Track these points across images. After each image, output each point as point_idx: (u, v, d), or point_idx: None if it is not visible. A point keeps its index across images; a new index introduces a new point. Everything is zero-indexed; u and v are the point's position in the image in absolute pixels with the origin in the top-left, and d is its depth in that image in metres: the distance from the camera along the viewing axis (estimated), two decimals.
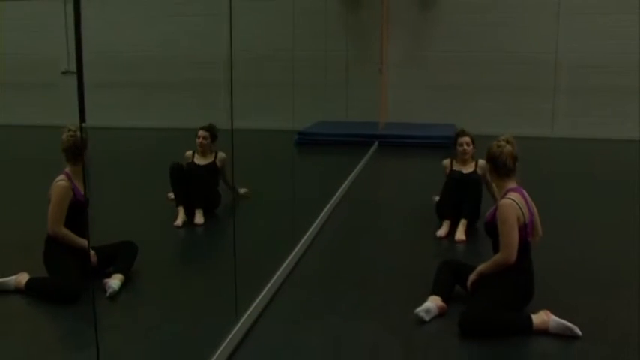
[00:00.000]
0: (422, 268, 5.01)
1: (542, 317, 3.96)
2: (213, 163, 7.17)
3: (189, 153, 7.24)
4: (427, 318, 4.13)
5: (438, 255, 5.56)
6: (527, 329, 3.94)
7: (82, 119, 15.74)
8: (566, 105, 14.25)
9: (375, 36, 13.87)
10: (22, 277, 4.68)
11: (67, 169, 4.90)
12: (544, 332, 3.92)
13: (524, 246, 4.21)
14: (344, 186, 8.22)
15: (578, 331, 3.87)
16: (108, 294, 4.51)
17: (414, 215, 7.09)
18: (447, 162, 6.86)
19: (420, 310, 4.15)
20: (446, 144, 12.27)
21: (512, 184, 4.35)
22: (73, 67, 16.27)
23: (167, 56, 15.36)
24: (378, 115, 13.64)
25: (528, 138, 13.63)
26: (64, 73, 16.35)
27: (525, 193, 4.35)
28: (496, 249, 4.32)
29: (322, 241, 6.10)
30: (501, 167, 4.35)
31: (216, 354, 3.49)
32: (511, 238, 4.15)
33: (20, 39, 16.30)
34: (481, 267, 4.30)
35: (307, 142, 12.50)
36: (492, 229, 4.32)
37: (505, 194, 4.28)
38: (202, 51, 15.36)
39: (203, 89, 15.49)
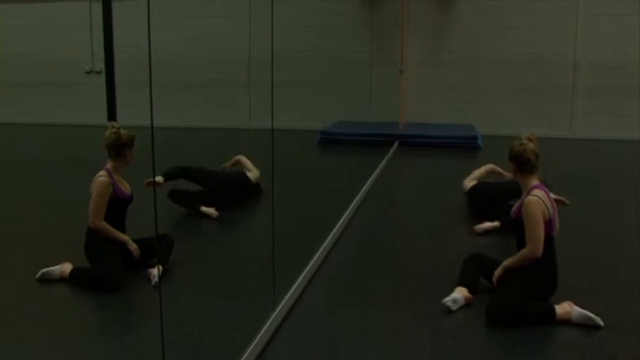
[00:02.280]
0: (448, 261, 5.20)
1: (565, 308, 4.13)
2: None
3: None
4: (454, 308, 4.32)
5: (463, 249, 5.74)
6: (551, 319, 4.11)
7: (113, 117, 16.01)
8: (584, 105, 14.35)
9: (396, 37, 14.02)
10: (66, 267, 4.90)
11: (108, 165, 5.10)
12: (567, 322, 4.09)
13: (548, 240, 4.36)
14: (367, 183, 8.40)
15: (600, 322, 4.04)
16: (153, 283, 4.72)
17: (437, 211, 7.28)
18: None
19: (448, 300, 4.33)
20: (464, 144, 12.46)
21: (535, 181, 4.49)
22: (97, 67, 16.55)
23: (192, 56, 15.62)
24: (398, 115, 13.79)
25: (546, 138, 13.74)
26: (87, 72, 16.63)
27: (547, 189, 4.50)
28: (521, 244, 4.48)
29: (350, 234, 6.31)
30: (525, 164, 4.49)
31: (255, 341, 3.67)
32: (537, 233, 4.30)
33: (44, 39, 16.60)
34: (506, 262, 4.44)
35: (329, 141, 12.70)
36: (518, 224, 4.48)
37: (530, 191, 4.42)
38: (225, 51, 15.62)
39: (226, 89, 15.74)
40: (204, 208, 6.78)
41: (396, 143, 12.43)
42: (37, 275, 4.84)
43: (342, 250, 5.79)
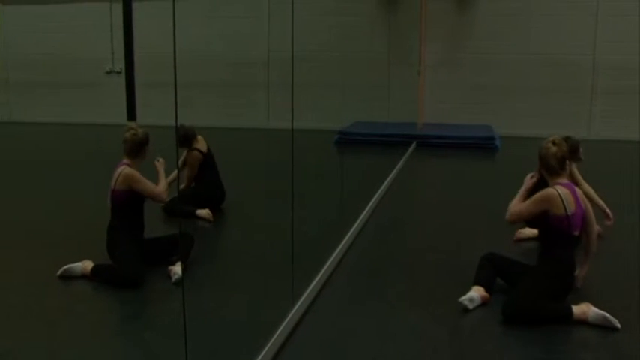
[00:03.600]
0: (465, 261, 5.23)
1: (582, 308, 4.15)
2: None
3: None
4: (471, 306, 4.36)
5: (480, 249, 5.77)
6: (568, 318, 4.14)
7: (133, 117, 16.13)
8: (603, 107, 14.29)
9: (414, 38, 14.04)
10: (88, 264, 4.98)
11: (125, 161, 5.24)
12: (584, 322, 4.12)
13: (567, 239, 4.38)
14: (386, 183, 8.45)
15: (617, 323, 4.05)
16: (173, 280, 4.79)
17: (454, 212, 7.31)
18: None
19: (464, 298, 4.37)
20: (482, 144, 12.46)
21: (562, 180, 4.51)
22: (117, 67, 16.70)
23: (211, 56, 15.73)
24: (416, 116, 13.81)
25: None
26: (108, 72, 16.78)
27: (576, 189, 4.51)
28: (541, 239, 4.58)
29: (368, 233, 6.36)
30: (548, 167, 4.52)
31: (273, 338, 3.72)
32: (524, 207, 4.53)
33: (65, 40, 16.80)
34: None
35: (347, 141, 12.75)
36: (538, 222, 4.54)
37: (553, 186, 4.48)
38: (244, 52, 15.72)
39: (245, 89, 15.84)
40: (199, 212, 6.79)
41: (414, 144, 12.45)
42: (59, 272, 4.92)
43: (359, 249, 5.83)
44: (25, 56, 17.03)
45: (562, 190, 4.39)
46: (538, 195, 4.46)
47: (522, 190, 4.74)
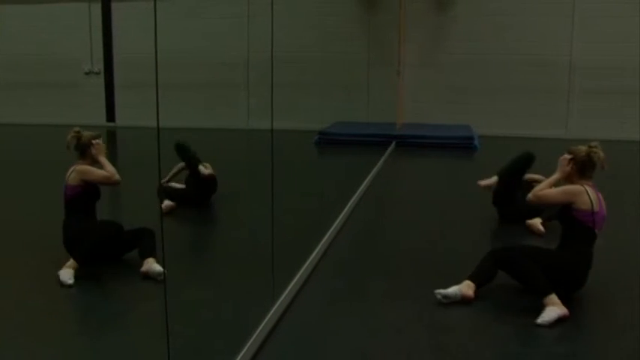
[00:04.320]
0: (444, 258, 5.31)
1: (554, 301, 4.19)
2: None
3: None
4: (444, 301, 4.41)
5: (459, 246, 5.87)
6: (541, 294, 4.23)
7: (112, 118, 16.15)
8: (580, 106, 14.46)
9: (393, 38, 14.12)
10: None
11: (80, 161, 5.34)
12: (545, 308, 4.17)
13: (589, 234, 4.49)
14: (365, 183, 8.50)
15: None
16: (160, 278, 4.74)
17: (433, 210, 7.38)
18: None
19: (440, 292, 4.45)
20: (461, 144, 12.56)
21: (589, 182, 4.62)
22: (96, 68, 16.64)
23: (190, 57, 15.69)
24: (395, 116, 13.89)
25: (542, 139, 13.88)
26: (87, 73, 16.72)
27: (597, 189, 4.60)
28: (564, 233, 4.61)
29: (348, 232, 6.40)
30: (585, 168, 4.63)
31: (254, 335, 3.74)
32: (551, 193, 4.65)
33: (44, 40, 16.67)
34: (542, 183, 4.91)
35: (327, 141, 12.79)
36: (563, 217, 4.62)
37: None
38: (224, 53, 15.71)
39: (224, 90, 15.83)
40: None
41: (393, 143, 12.52)
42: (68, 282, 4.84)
43: (339, 247, 5.87)
44: (2, 56, 16.89)
45: (590, 190, 4.51)
46: (568, 187, 4.59)
47: (553, 178, 4.77)
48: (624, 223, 6.69)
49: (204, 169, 7.18)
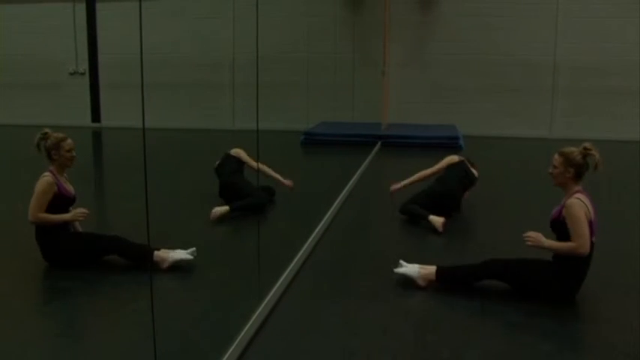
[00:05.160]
0: (427, 259, 5.31)
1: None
2: None
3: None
4: (398, 271, 4.85)
5: (442, 247, 5.91)
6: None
7: (97, 119, 16.06)
8: (564, 106, 14.56)
9: (378, 39, 14.17)
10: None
11: (51, 167, 5.25)
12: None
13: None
14: (350, 183, 8.53)
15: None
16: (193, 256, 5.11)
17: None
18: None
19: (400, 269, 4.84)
20: (446, 144, 12.61)
21: (578, 187, 4.55)
22: (81, 69, 16.58)
23: (176, 57, 15.68)
24: (380, 116, 13.93)
25: (526, 139, 14.00)
26: (71, 74, 16.65)
27: (588, 194, 4.54)
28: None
29: (334, 232, 6.42)
30: (580, 171, 4.55)
31: (241, 334, 3.76)
32: (584, 230, 4.34)
33: (28, 40, 16.60)
34: (551, 242, 4.50)
35: (312, 141, 12.81)
36: (558, 226, 4.53)
37: (572, 194, 4.48)
38: (209, 53, 15.69)
39: (209, 91, 15.82)
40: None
41: (379, 143, 12.56)
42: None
43: (325, 247, 5.89)
44: None
45: (583, 198, 4.45)
46: (574, 212, 4.37)
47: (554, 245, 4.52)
48: (616, 221, 6.74)
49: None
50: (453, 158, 7.30)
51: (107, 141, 14.66)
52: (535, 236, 4.48)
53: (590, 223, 4.40)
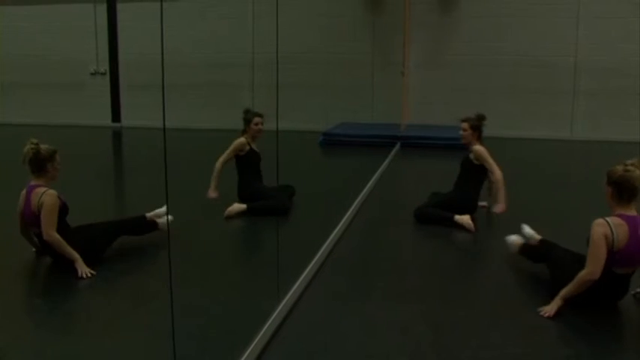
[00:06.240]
0: (449, 259, 5.32)
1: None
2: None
3: (243, 140, 7.40)
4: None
5: (463, 247, 5.89)
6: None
7: (117, 119, 16.16)
8: (585, 107, 14.44)
9: (398, 39, 14.13)
10: None
11: (32, 182, 5.17)
12: None
13: (606, 273, 4.13)
14: (370, 184, 8.52)
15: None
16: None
17: None
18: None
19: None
20: (465, 145, 12.55)
21: (624, 211, 4.21)
22: (102, 69, 16.69)
23: (196, 58, 15.74)
24: (399, 117, 13.90)
25: (547, 140, 13.90)
26: (92, 74, 16.76)
27: (636, 222, 4.16)
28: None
29: (353, 233, 6.42)
30: (626, 191, 4.20)
31: (260, 334, 3.77)
32: (596, 254, 4.07)
33: (49, 41, 16.73)
34: (564, 291, 4.24)
35: (331, 142, 12.81)
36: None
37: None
38: (229, 53, 15.74)
39: (229, 90, 15.85)
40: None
41: (398, 144, 12.53)
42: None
43: (344, 247, 5.89)
44: (9, 57, 16.93)
45: (612, 219, 4.15)
46: (592, 232, 4.13)
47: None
48: None
49: None
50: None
51: (127, 140, 14.76)
52: (549, 310, 4.25)
53: (613, 252, 4.09)
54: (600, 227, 4.10)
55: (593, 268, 4.09)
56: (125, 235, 5.62)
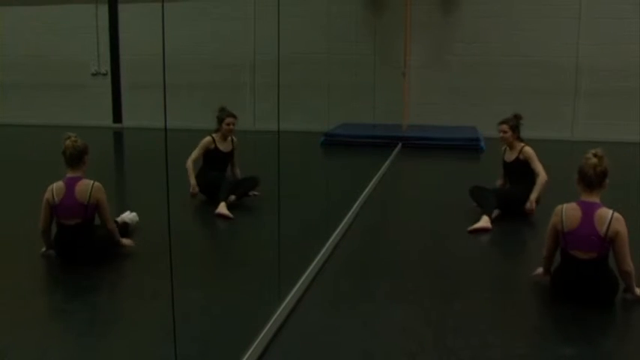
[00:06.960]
0: (450, 260, 5.31)
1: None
2: (232, 149, 7.69)
3: (209, 138, 7.66)
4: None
5: (465, 248, 5.88)
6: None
7: (119, 119, 16.14)
8: (586, 108, 14.43)
9: (399, 40, 14.13)
10: None
11: (69, 174, 5.30)
12: None
13: (564, 256, 4.46)
14: (371, 184, 8.51)
15: None
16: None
17: (439, 212, 7.38)
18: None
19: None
20: (467, 145, 12.56)
21: (586, 197, 4.50)
22: (103, 69, 16.69)
23: (196, 59, 15.73)
24: (401, 117, 13.90)
25: (548, 141, 13.88)
26: (94, 74, 16.76)
27: (598, 209, 4.43)
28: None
29: (354, 233, 6.41)
30: (582, 178, 4.51)
31: (261, 335, 3.76)
32: (547, 242, 4.64)
33: (51, 41, 16.72)
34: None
35: (333, 142, 12.81)
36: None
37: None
38: (230, 54, 15.74)
39: (230, 91, 15.84)
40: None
41: (399, 145, 12.53)
42: None
43: (345, 248, 5.89)
44: (10, 57, 16.93)
45: (568, 205, 4.47)
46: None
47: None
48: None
49: None
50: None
51: (128, 142, 14.76)
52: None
53: (564, 235, 4.41)
54: (553, 217, 4.51)
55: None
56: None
